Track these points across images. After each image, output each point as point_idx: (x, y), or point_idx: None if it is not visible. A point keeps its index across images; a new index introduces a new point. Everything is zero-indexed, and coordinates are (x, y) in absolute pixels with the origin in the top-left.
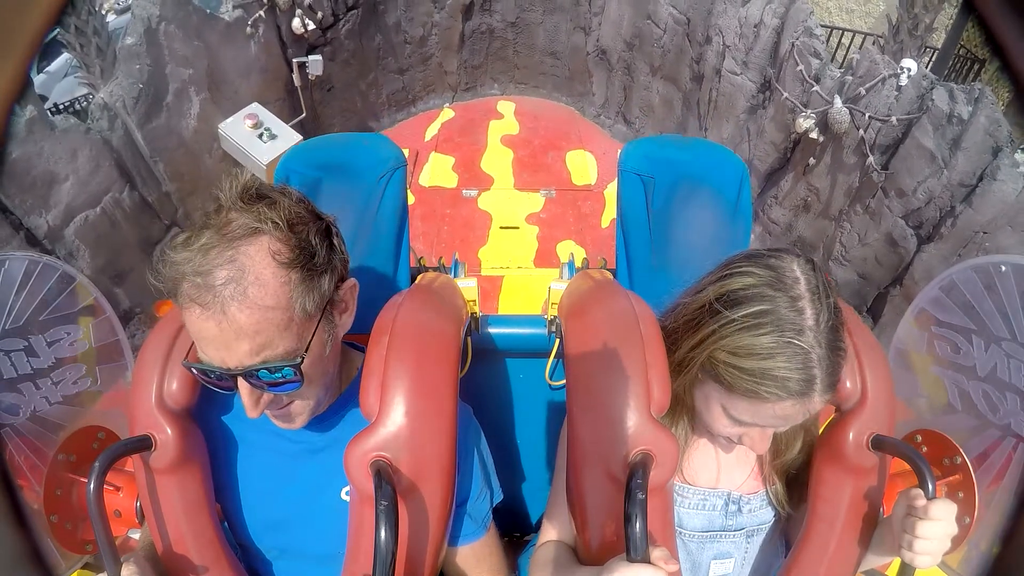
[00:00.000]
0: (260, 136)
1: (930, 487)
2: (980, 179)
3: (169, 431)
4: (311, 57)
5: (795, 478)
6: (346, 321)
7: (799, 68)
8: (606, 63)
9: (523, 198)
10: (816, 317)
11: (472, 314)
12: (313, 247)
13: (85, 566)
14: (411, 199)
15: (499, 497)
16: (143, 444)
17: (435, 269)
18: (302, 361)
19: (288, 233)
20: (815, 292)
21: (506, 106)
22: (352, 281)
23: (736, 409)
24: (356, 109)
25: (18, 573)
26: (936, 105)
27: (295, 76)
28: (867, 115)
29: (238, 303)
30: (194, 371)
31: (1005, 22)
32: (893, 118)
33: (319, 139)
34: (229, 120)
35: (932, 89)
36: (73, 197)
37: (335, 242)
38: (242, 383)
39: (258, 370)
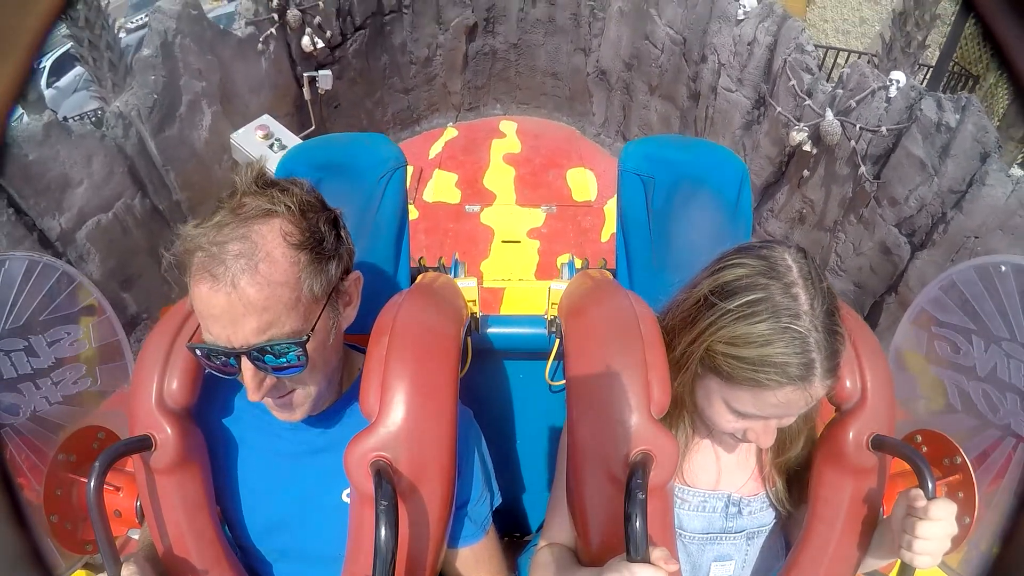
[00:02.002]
0: (271, 146)
1: (930, 487)
2: (970, 185)
3: (169, 431)
4: (321, 72)
5: (796, 476)
6: (349, 314)
7: (792, 83)
8: (606, 83)
9: (524, 213)
10: (811, 302)
11: (472, 314)
12: (322, 233)
13: (85, 566)
14: (415, 214)
15: (499, 500)
16: (143, 444)
17: (435, 269)
18: (307, 340)
19: (300, 217)
20: (808, 278)
21: (508, 125)
22: (357, 274)
23: (738, 401)
24: (362, 127)
25: (18, 573)
26: (924, 114)
27: (305, 91)
28: (858, 126)
29: (249, 276)
30: (198, 353)
31: (1005, 22)
32: (883, 128)
33: (319, 139)
34: (241, 130)
35: (920, 99)
36: (86, 201)
37: (342, 233)
38: (246, 364)
39: (263, 352)
